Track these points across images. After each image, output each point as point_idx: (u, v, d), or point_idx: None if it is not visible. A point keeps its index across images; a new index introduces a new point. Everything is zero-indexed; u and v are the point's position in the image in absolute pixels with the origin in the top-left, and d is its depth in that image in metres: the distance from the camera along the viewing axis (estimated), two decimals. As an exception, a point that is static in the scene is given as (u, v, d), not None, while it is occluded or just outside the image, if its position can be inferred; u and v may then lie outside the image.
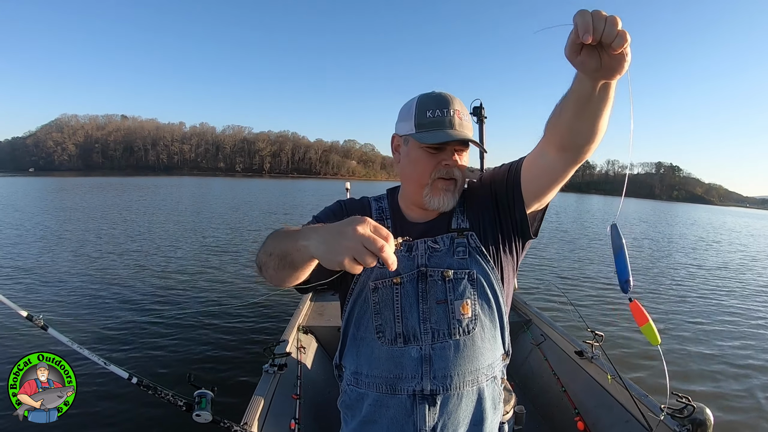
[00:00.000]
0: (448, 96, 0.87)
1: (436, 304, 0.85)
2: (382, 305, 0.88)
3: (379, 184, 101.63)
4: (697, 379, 3.94)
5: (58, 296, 5.87)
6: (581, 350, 2.39)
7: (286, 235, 0.73)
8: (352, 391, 0.93)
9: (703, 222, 31.96)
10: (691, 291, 7.33)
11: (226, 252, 9.48)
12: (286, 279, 0.76)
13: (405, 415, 0.86)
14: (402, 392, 0.86)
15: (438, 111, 0.85)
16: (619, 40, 0.52)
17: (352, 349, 0.93)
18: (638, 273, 8.52)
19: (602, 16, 0.51)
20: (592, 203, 52.55)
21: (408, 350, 0.85)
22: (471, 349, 0.86)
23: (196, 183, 53.91)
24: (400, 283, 0.87)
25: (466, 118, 0.87)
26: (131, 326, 4.71)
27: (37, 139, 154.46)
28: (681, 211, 48.80)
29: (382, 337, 0.87)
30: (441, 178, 0.86)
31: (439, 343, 0.85)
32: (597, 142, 0.71)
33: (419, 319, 0.85)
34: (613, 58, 0.55)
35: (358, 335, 0.91)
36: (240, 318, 5.05)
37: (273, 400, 1.89)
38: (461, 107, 0.87)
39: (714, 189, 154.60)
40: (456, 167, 0.87)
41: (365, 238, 0.56)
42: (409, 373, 0.85)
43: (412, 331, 0.85)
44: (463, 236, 0.89)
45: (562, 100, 0.69)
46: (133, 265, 7.90)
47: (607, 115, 0.67)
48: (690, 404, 1.53)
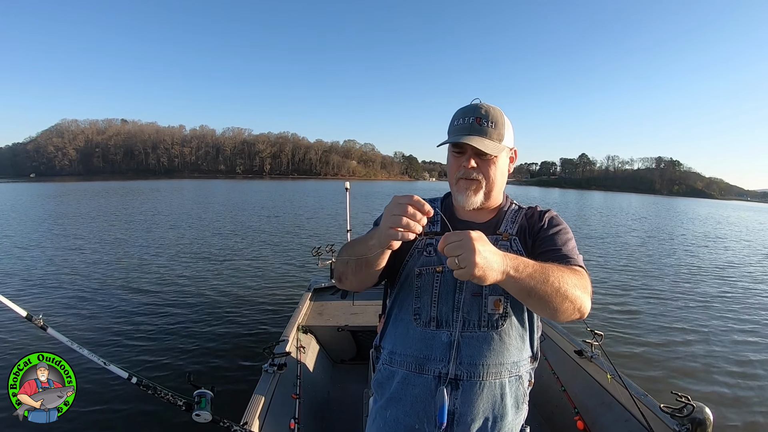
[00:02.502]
0: (476, 105, 0.95)
1: (472, 295, 0.92)
2: (422, 290, 0.96)
3: (379, 184, 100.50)
4: (698, 378, 3.94)
5: (57, 296, 5.87)
6: (581, 349, 2.39)
7: (357, 241, 0.89)
8: (385, 369, 1.01)
9: (704, 216, 31.86)
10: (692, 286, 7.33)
11: (226, 252, 9.48)
12: (366, 279, 0.90)
13: (428, 396, 0.92)
14: (429, 372, 0.93)
15: (462, 119, 0.94)
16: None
17: (392, 330, 1.01)
18: (641, 270, 8.54)
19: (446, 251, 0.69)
20: (593, 199, 52.33)
21: (439, 334, 0.93)
22: (498, 343, 0.92)
23: (196, 186, 53.71)
24: (442, 271, 0.95)
25: (489, 124, 0.92)
26: (131, 326, 4.71)
27: (37, 145, 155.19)
28: (682, 206, 48.24)
29: (418, 319, 0.95)
30: (462, 178, 0.95)
31: (468, 332, 0.92)
32: (554, 316, 0.80)
33: (453, 307, 0.93)
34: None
35: (399, 316, 1.00)
36: (240, 318, 5.05)
37: (273, 399, 1.89)
38: (488, 114, 0.93)
39: (715, 183, 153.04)
40: (472, 169, 0.93)
41: (399, 206, 0.71)
42: (437, 355, 0.92)
43: (445, 317, 0.93)
44: (507, 240, 0.97)
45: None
46: (133, 266, 7.90)
47: (539, 300, 0.77)
48: (689, 403, 1.53)
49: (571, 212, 26.66)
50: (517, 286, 0.74)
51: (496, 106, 0.95)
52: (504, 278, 0.71)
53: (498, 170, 0.96)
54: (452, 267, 0.68)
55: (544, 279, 0.75)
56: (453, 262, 0.68)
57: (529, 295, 0.75)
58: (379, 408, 1.01)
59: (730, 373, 4.06)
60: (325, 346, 2.96)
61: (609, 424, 1.90)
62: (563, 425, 2.13)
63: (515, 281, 0.73)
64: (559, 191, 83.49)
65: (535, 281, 0.74)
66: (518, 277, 0.72)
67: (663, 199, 73.64)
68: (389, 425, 0.97)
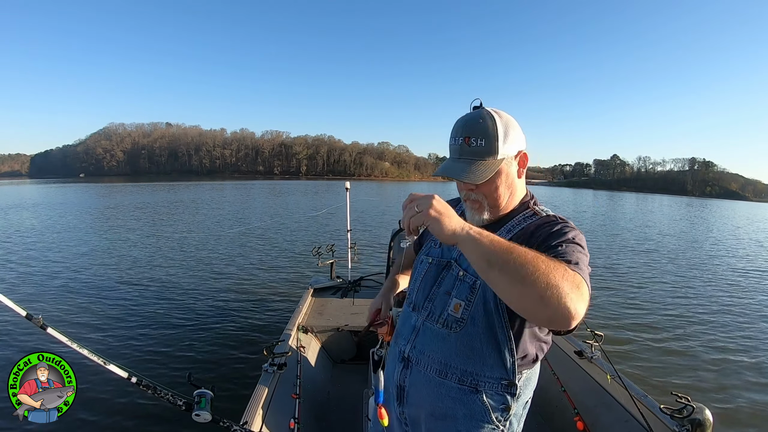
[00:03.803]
0: (466, 121, 0.90)
1: (444, 293, 0.96)
2: (417, 274, 1.07)
3: (413, 185, 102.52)
4: (698, 379, 3.94)
5: (57, 296, 5.87)
6: (581, 350, 2.39)
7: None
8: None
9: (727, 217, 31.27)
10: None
11: (226, 252, 9.48)
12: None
13: (394, 367, 1.03)
14: (398, 345, 1.04)
15: (453, 139, 0.92)
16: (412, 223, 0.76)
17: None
18: (641, 270, 8.53)
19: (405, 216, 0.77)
20: (624, 201, 50.59)
21: (413, 315, 1.02)
22: (448, 344, 0.93)
23: (235, 187, 53.25)
24: (431, 263, 1.03)
25: (479, 142, 0.88)
26: (131, 326, 4.72)
27: (87, 147, 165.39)
28: (715, 209, 45.24)
29: (409, 298, 1.07)
30: (466, 199, 0.98)
31: (429, 323, 0.97)
32: (521, 309, 0.70)
33: (427, 297, 1.00)
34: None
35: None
36: (240, 317, 5.05)
37: (273, 399, 1.89)
38: (477, 130, 0.88)
39: (751, 184, 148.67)
40: (471, 191, 0.95)
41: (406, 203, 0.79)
42: (405, 334, 1.02)
43: (419, 304, 1.01)
44: None
45: None
46: (133, 266, 7.90)
47: (502, 281, 0.67)
48: (689, 404, 1.53)
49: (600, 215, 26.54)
50: (478, 251, 0.69)
51: (496, 109, 0.90)
52: (463, 234, 0.72)
53: (502, 184, 0.93)
54: (410, 214, 0.75)
55: (508, 249, 0.68)
56: (412, 207, 0.75)
57: (490, 264, 0.68)
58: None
59: (730, 373, 4.06)
60: (325, 346, 2.96)
61: (609, 425, 1.90)
62: (563, 425, 2.13)
63: (475, 243, 0.70)
64: (593, 193, 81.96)
65: (499, 250, 0.68)
66: (479, 239, 0.70)
67: (694, 201, 70.82)
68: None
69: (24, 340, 4.12)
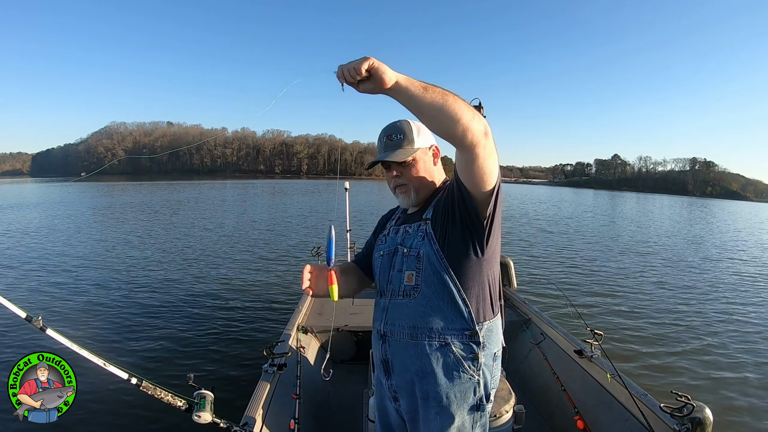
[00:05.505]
0: (385, 128, 1.18)
1: (397, 272, 1.14)
2: (376, 269, 1.25)
3: None
4: (698, 378, 3.94)
5: (57, 297, 5.87)
6: (581, 349, 2.39)
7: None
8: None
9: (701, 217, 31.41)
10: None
11: (225, 252, 9.48)
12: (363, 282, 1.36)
13: (377, 345, 1.20)
14: (375, 329, 1.21)
15: (379, 141, 1.19)
16: (350, 76, 0.84)
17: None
18: (641, 271, 8.54)
19: (343, 67, 0.85)
20: (624, 200, 50.04)
21: (381, 300, 1.19)
22: (411, 309, 1.09)
23: (236, 187, 52.88)
24: (383, 255, 1.21)
25: (398, 137, 1.14)
26: (131, 326, 4.71)
27: (88, 146, 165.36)
28: (716, 209, 44.57)
29: (376, 288, 1.24)
30: (395, 186, 1.18)
31: (394, 300, 1.13)
32: (445, 131, 0.90)
33: (387, 281, 1.17)
34: (364, 82, 0.85)
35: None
36: (240, 318, 5.04)
37: (273, 400, 1.89)
38: (395, 129, 1.15)
39: (752, 184, 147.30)
40: (398, 177, 1.16)
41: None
42: (378, 317, 1.19)
43: (383, 288, 1.18)
44: (426, 223, 1.13)
45: None
46: (133, 267, 7.90)
47: (428, 113, 0.87)
48: (689, 403, 1.53)
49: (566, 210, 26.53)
50: (414, 83, 0.85)
51: (405, 118, 1.15)
52: (399, 80, 0.84)
53: (421, 169, 1.16)
54: (353, 65, 0.82)
55: (430, 84, 0.87)
56: (349, 66, 0.83)
57: (425, 89, 0.85)
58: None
59: (731, 373, 4.06)
60: (325, 345, 2.96)
61: (609, 424, 1.91)
62: (563, 425, 2.13)
63: (409, 79, 0.85)
64: (593, 192, 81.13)
65: (424, 89, 0.85)
66: (410, 85, 0.85)
67: (694, 200, 70.00)
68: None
69: (24, 341, 4.11)
